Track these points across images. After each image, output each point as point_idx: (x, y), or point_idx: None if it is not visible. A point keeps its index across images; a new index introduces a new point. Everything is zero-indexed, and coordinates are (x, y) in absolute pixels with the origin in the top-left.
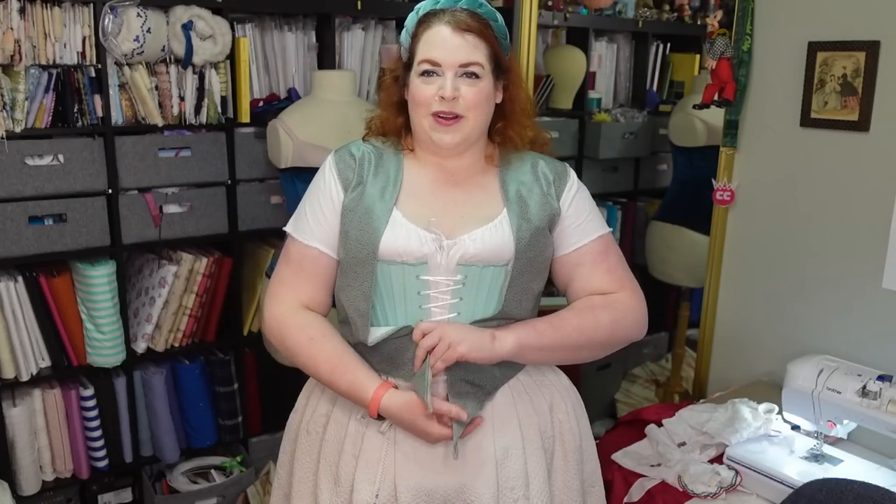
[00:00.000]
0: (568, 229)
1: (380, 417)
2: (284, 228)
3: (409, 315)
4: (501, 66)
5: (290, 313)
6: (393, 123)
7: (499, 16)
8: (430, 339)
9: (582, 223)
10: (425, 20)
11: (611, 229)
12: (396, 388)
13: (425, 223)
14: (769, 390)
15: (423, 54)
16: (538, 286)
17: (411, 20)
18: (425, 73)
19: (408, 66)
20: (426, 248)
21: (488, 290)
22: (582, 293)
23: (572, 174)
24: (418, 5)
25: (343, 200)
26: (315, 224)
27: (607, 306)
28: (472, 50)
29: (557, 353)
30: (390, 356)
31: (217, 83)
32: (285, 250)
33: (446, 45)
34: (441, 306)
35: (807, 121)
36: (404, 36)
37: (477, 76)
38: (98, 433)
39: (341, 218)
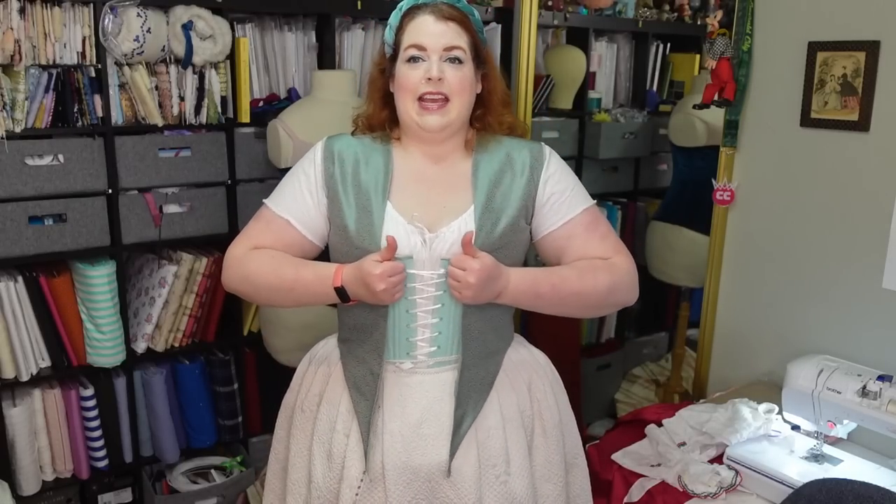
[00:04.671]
0: (554, 206)
1: (342, 296)
2: (264, 200)
3: (397, 305)
4: (481, 57)
5: (249, 251)
6: (378, 117)
7: (475, 11)
8: (456, 272)
9: (567, 199)
10: (409, 13)
11: (594, 202)
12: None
13: (409, 216)
14: (769, 390)
15: (410, 41)
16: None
17: (395, 17)
18: (412, 60)
19: (392, 58)
20: (412, 242)
21: None
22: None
23: (549, 153)
24: (401, 3)
25: (326, 197)
26: (292, 200)
27: (608, 269)
28: (454, 36)
29: (552, 309)
30: (363, 327)
31: (217, 83)
32: (258, 214)
33: (431, 31)
34: (426, 298)
35: (807, 121)
36: (388, 32)
37: (460, 61)
38: (98, 433)
39: (333, 213)
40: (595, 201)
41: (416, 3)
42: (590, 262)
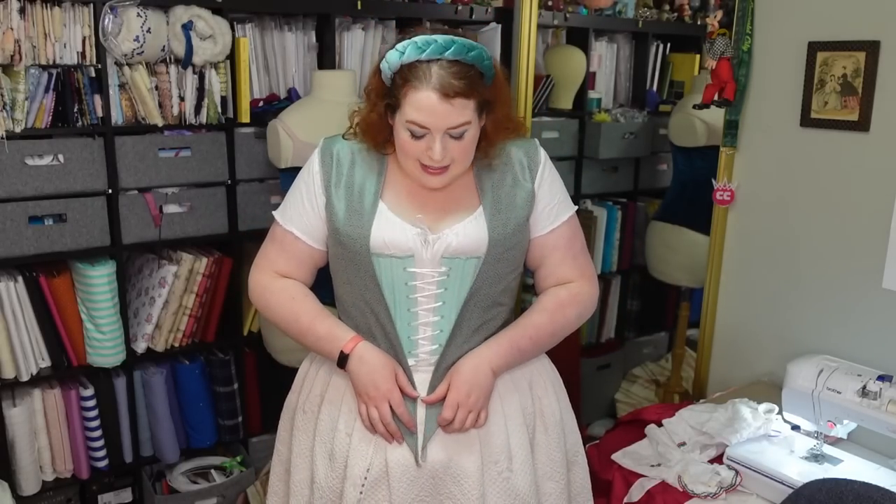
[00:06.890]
0: (544, 211)
1: (341, 364)
2: (273, 212)
3: (398, 305)
4: (488, 103)
5: (272, 279)
6: (374, 139)
7: (485, 52)
8: (459, 417)
9: (556, 204)
10: (411, 72)
11: (576, 208)
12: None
13: (410, 217)
14: (769, 390)
15: (410, 115)
16: (512, 272)
17: (394, 60)
18: (413, 134)
19: (391, 102)
20: (412, 242)
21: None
22: (550, 280)
23: (542, 153)
24: (401, 45)
25: (325, 197)
26: (295, 213)
27: (574, 302)
28: (459, 113)
29: (534, 355)
30: (366, 328)
31: (217, 83)
32: (272, 230)
33: (434, 111)
34: (427, 296)
35: (807, 121)
36: (385, 67)
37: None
38: (98, 433)
39: (328, 215)
40: (576, 207)
41: (419, 57)
42: (555, 297)
